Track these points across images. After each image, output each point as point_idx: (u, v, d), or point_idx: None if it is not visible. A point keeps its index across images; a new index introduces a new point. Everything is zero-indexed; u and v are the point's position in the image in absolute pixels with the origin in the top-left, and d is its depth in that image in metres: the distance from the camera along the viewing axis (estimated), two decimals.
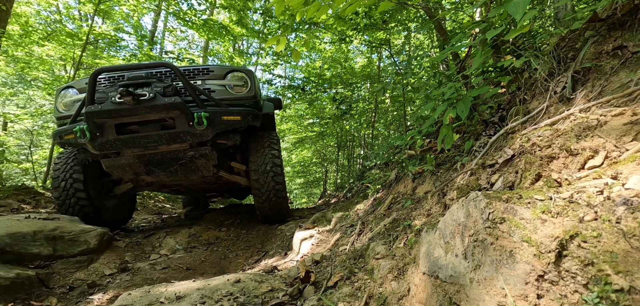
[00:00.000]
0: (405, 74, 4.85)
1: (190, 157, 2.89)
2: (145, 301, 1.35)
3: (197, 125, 2.54)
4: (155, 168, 2.96)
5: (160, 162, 2.88)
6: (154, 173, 3.03)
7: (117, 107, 2.42)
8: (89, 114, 2.40)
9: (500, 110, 2.06)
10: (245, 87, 2.92)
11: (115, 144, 2.60)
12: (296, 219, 3.68)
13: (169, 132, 2.60)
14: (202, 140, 2.71)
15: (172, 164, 2.95)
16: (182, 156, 2.87)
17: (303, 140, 10.83)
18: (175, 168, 3.00)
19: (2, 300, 1.79)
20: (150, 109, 2.46)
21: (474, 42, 2.33)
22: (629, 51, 1.30)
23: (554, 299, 0.65)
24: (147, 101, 2.45)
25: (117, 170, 2.93)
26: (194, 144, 2.82)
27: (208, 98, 2.70)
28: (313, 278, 1.45)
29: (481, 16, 4.13)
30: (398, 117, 7.56)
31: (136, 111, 2.44)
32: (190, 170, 3.07)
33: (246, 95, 2.91)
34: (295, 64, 11.37)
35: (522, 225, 0.74)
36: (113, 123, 2.53)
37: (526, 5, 1.21)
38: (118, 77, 2.68)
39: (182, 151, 2.84)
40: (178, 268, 2.47)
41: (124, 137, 2.58)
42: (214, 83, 2.84)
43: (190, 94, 2.61)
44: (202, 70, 2.86)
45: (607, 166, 0.93)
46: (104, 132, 2.54)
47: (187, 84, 2.57)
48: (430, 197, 1.80)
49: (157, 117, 2.55)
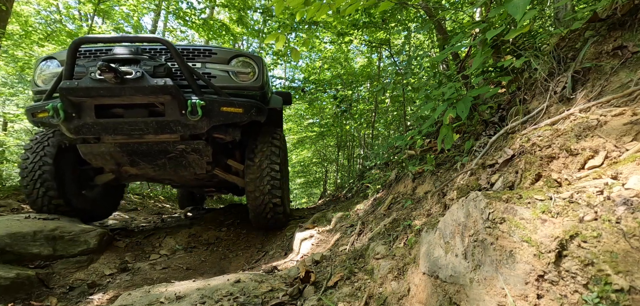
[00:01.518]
0: (405, 74, 4.85)
1: (180, 151, 2.56)
2: (145, 301, 1.35)
3: (191, 114, 2.22)
4: (140, 160, 2.62)
5: (145, 153, 2.55)
6: (139, 165, 2.69)
7: (96, 85, 2.08)
8: (63, 90, 2.07)
9: (500, 110, 2.06)
10: (252, 76, 2.55)
11: (94, 129, 2.26)
12: (296, 219, 3.69)
13: (157, 120, 2.26)
14: (195, 132, 2.39)
15: (159, 157, 2.61)
16: (171, 149, 2.54)
17: (303, 140, 10.84)
18: (163, 162, 2.67)
19: (2, 300, 1.79)
20: (136, 91, 2.11)
21: (474, 42, 2.33)
22: (629, 51, 1.30)
23: (554, 299, 0.65)
24: (133, 80, 2.10)
25: (96, 158, 2.59)
26: (186, 136, 2.49)
27: (207, 84, 2.35)
28: (313, 278, 1.45)
29: (481, 16, 4.13)
30: (398, 117, 7.57)
31: (119, 91, 2.10)
32: (181, 165, 2.74)
33: (252, 84, 2.54)
34: (295, 64, 11.38)
35: (522, 225, 0.74)
36: (92, 104, 2.20)
37: (526, 5, 1.21)
38: (106, 51, 2.34)
39: (171, 143, 2.50)
40: (178, 268, 2.47)
41: (104, 121, 2.24)
42: (215, 68, 2.48)
43: (186, 77, 2.26)
44: (204, 51, 2.50)
45: (607, 166, 0.93)
46: (82, 114, 2.21)
47: (183, 66, 2.22)
48: (430, 197, 1.80)
49: (144, 101, 2.21)
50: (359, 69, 9.05)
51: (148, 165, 2.70)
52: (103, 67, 1.99)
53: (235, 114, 2.41)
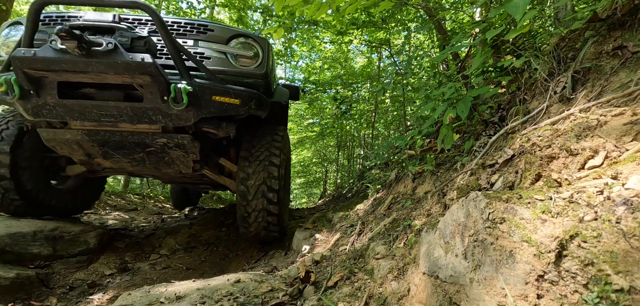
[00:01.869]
0: (405, 74, 4.85)
1: (161, 145, 2.17)
2: (145, 301, 1.35)
3: (174, 102, 1.84)
4: (114, 152, 2.22)
5: (120, 145, 2.15)
6: (113, 158, 2.29)
7: (57, 56, 1.67)
8: (17, 60, 1.67)
9: (500, 110, 2.06)
10: (254, 61, 2.17)
11: (56, 111, 1.86)
12: (296, 219, 3.68)
13: (134, 106, 1.87)
14: (180, 124, 1.99)
15: (136, 151, 2.22)
16: (150, 143, 2.14)
17: (303, 140, 10.84)
18: (141, 156, 2.27)
19: (2, 299, 1.79)
20: (106, 67, 1.69)
21: (474, 42, 2.33)
22: (629, 51, 1.30)
23: (554, 299, 0.65)
24: (103, 54, 1.68)
25: (61, 147, 2.17)
26: (169, 128, 2.10)
27: (198, 66, 1.95)
28: (313, 278, 1.45)
29: (481, 16, 4.13)
30: (398, 117, 7.57)
31: (84, 66, 1.69)
32: (163, 162, 2.34)
33: (254, 71, 2.16)
34: (295, 65, 11.39)
35: (522, 225, 0.74)
36: (55, 80, 1.80)
37: (526, 5, 1.21)
38: (80, 18, 1.93)
39: (150, 135, 2.10)
40: (178, 268, 2.47)
41: (69, 102, 1.84)
42: (211, 48, 2.09)
43: (171, 55, 1.84)
44: (197, 26, 2.11)
45: (607, 166, 0.93)
46: (42, 91, 1.80)
47: (168, 39, 1.80)
48: (430, 197, 1.80)
49: (117, 80, 1.78)
50: (359, 69, 9.06)
51: (124, 159, 2.30)
52: (63, 32, 1.56)
53: (231, 105, 2.03)
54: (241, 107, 2.08)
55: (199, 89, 1.90)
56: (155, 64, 1.73)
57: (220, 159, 2.73)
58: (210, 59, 2.07)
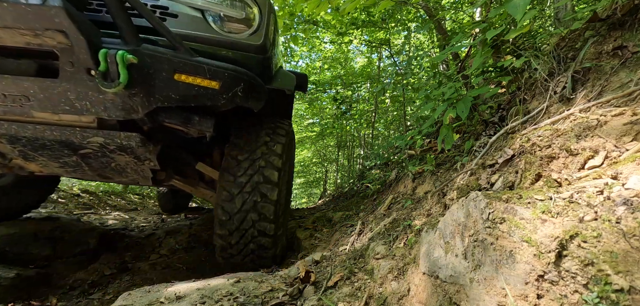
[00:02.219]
0: (405, 74, 4.85)
1: (99, 147, 1.47)
2: (145, 301, 1.35)
3: (104, 79, 1.17)
4: (34, 153, 1.54)
5: (37, 144, 1.46)
6: (37, 161, 1.62)
7: None
8: None
9: (500, 110, 2.06)
10: (247, 26, 1.51)
11: None
12: (296, 219, 3.69)
13: (43, 85, 1.22)
14: (122, 116, 1.32)
15: (62, 154, 1.54)
16: (80, 143, 1.43)
17: (303, 140, 10.84)
18: (74, 161, 1.61)
19: (3, 299, 1.79)
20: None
21: (474, 42, 2.33)
22: (629, 51, 1.30)
23: (554, 299, 0.65)
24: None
25: None
26: (109, 122, 1.43)
27: (154, 26, 1.26)
28: (313, 278, 1.45)
29: (481, 16, 4.13)
30: (398, 117, 7.57)
31: None
32: (109, 169, 1.68)
33: (247, 42, 1.50)
34: (295, 65, 11.39)
35: (522, 225, 0.74)
36: None
37: (526, 5, 1.21)
38: None
39: (79, 131, 1.40)
40: (178, 268, 2.47)
41: None
42: (181, 2, 1.43)
43: (107, 2, 1.17)
44: None
45: (607, 166, 0.93)
46: None
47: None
48: (430, 197, 1.80)
49: (16, 41, 1.14)
50: (359, 69, 9.06)
51: (52, 162, 1.64)
52: None
53: (205, 90, 1.35)
54: (221, 94, 1.38)
55: (150, 61, 1.23)
56: (69, 13, 1.06)
57: (198, 165, 1.98)
58: (178, 17, 1.41)
